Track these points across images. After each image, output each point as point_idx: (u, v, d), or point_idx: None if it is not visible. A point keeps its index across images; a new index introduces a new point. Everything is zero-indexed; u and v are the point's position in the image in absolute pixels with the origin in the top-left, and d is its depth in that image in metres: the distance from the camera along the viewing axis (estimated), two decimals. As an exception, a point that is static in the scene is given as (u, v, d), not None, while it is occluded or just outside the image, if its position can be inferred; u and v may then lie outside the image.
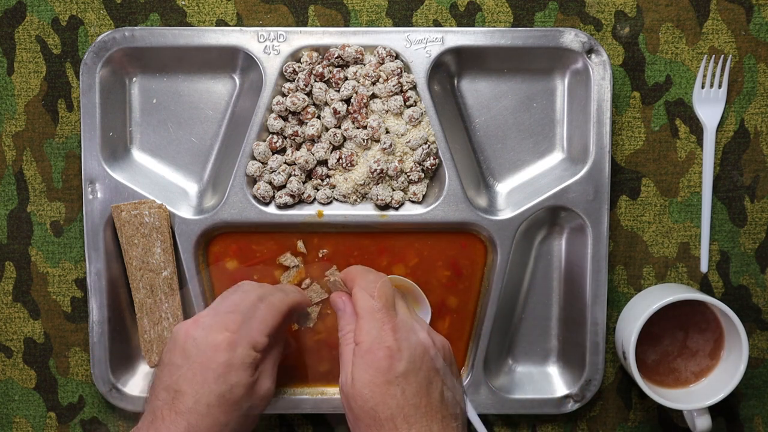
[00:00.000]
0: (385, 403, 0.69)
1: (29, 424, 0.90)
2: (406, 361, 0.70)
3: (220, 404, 0.69)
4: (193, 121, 0.87)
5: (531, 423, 0.90)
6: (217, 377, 0.69)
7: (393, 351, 0.70)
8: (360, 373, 0.70)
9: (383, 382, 0.69)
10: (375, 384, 0.69)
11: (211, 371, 0.69)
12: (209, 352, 0.69)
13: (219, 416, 0.69)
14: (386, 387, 0.69)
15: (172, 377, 0.69)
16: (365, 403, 0.69)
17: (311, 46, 0.84)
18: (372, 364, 0.70)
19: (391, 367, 0.70)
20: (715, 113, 0.87)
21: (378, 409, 0.69)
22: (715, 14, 0.86)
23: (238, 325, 0.70)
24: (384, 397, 0.69)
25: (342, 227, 0.86)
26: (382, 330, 0.71)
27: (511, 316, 0.89)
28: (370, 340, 0.71)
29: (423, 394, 0.70)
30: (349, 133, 0.84)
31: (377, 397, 0.69)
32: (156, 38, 0.84)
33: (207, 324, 0.71)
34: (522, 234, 0.86)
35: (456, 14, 0.87)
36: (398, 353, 0.70)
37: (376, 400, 0.69)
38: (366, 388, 0.69)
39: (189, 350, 0.69)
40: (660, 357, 0.86)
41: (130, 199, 0.85)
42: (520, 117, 0.87)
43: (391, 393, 0.69)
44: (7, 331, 0.89)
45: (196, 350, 0.69)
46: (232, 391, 0.69)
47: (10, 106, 0.87)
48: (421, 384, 0.70)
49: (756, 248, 0.89)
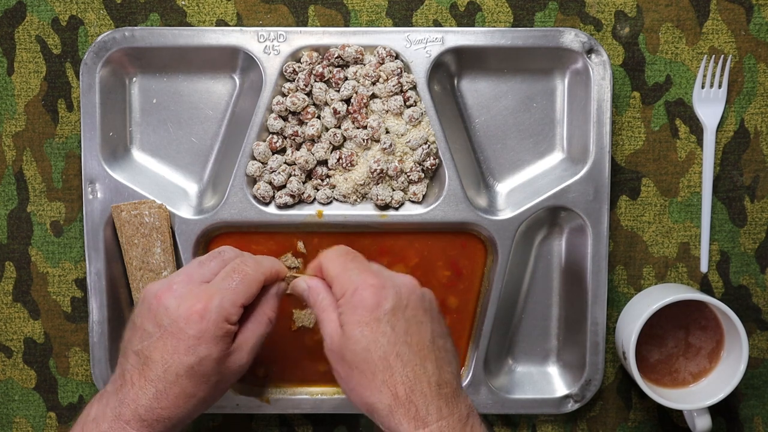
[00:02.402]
0: (377, 341, 0.68)
1: (29, 424, 0.90)
2: (392, 298, 0.69)
3: (189, 375, 0.69)
4: (193, 121, 0.87)
5: (531, 423, 0.90)
6: (187, 348, 0.68)
7: (378, 288, 0.69)
8: (348, 317, 0.69)
9: (372, 320, 0.68)
10: (364, 323, 0.68)
11: (181, 342, 0.68)
12: (181, 322, 0.69)
13: (187, 386, 0.69)
14: (376, 324, 0.68)
15: (142, 342, 0.70)
16: (357, 344, 0.68)
17: (311, 46, 0.84)
18: (359, 304, 0.69)
19: (378, 304, 0.68)
20: (715, 113, 0.87)
21: (371, 348, 0.68)
22: (715, 14, 0.86)
23: (210, 295, 0.70)
24: (375, 334, 0.68)
25: (342, 227, 0.86)
26: (362, 274, 0.70)
27: (511, 316, 0.89)
28: (353, 285, 0.69)
29: (414, 333, 0.69)
30: (349, 133, 0.84)
31: (368, 335, 0.68)
32: (156, 38, 0.84)
33: (180, 293, 0.70)
34: (522, 234, 0.86)
35: (456, 14, 0.87)
36: (383, 290, 0.69)
37: (368, 339, 0.68)
38: (356, 329, 0.68)
39: (161, 318, 0.69)
40: (660, 357, 0.86)
41: (130, 199, 0.85)
42: (520, 117, 0.87)
43: (381, 330, 0.68)
44: (7, 331, 0.89)
45: (168, 320, 0.69)
46: (202, 363, 0.69)
47: (10, 106, 0.87)
48: (410, 322, 0.69)
49: (756, 248, 0.89)
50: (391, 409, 0.67)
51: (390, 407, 0.67)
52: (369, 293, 0.69)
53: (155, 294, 0.71)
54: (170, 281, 0.72)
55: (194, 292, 0.70)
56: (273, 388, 0.88)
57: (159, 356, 0.69)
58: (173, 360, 0.69)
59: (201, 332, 0.69)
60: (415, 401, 0.67)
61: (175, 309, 0.69)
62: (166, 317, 0.69)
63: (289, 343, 0.87)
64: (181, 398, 0.69)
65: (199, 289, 0.71)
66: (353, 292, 0.69)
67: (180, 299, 0.70)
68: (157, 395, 0.69)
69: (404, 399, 0.67)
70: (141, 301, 0.72)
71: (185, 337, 0.69)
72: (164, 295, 0.70)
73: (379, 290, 0.69)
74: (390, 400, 0.67)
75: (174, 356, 0.69)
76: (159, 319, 0.69)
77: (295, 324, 0.87)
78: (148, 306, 0.71)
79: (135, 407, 0.68)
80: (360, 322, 0.68)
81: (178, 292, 0.70)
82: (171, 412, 0.69)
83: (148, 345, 0.69)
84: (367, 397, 0.68)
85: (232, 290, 0.71)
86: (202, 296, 0.70)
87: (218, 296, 0.70)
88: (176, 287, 0.71)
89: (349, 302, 0.69)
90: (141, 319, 0.71)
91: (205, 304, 0.69)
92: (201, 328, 0.69)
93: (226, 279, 0.71)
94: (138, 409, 0.68)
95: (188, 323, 0.69)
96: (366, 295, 0.69)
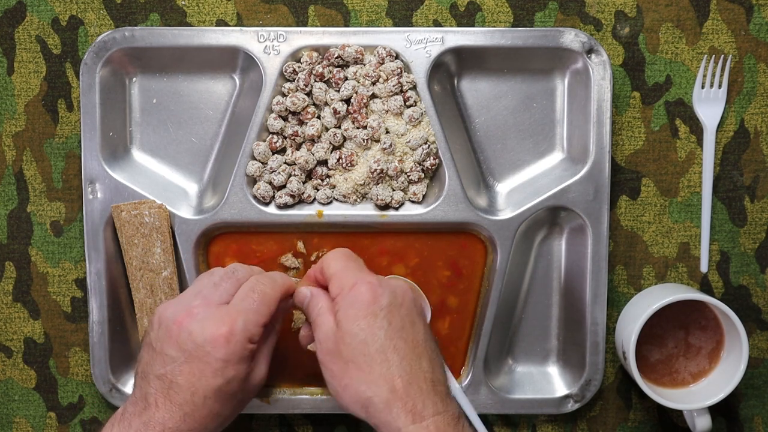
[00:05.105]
0: (374, 334, 0.69)
1: (29, 424, 0.90)
2: (388, 296, 0.70)
3: (217, 397, 0.69)
4: (193, 121, 0.87)
5: (531, 423, 0.90)
6: (214, 372, 0.69)
7: (375, 285, 0.70)
8: (345, 313, 0.70)
9: (369, 314, 0.69)
10: (361, 317, 0.69)
11: (208, 366, 0.69)
12: (207, 347, 0.69)
13: (214, 407, 0.70)
14: (372, 319, 0.69)
15: (165, 367, 0.70)
16: (354, 338, 0.69)
17: (311, 46, 0.84)
18: (356, 298, 0.70)
19: (375, 299, 0.70)
20: (715, 113, 0.87)
21: (368, 341, 0.69)
22: (715, 14, 0.86)
23: (233, 318, 0.70)
24: (372, 328, 0.69)
25: (342, 227, 0.86)
26: (360, 272, 0.72)
27: (511, 316, 0.89)
28: (351, 281, 0.71)
29: (409, 330, 0.70)
30: (349, 133, 0.84)
31: (366, 329, 0.69)
32: (156, 38, 0.84)
33: (201, 317, 0.70)
34: (522, 234, 0.86)
35: (456, 14, 0.87)
36: (380, 287, 0.70)
37: (366, 332, 0.69)
38: (353, 324, 0.69)
39: (184, 343, 0.69)
40: (660, 357, 0.86)
41: (130, 199, 0.85)
42: (520, 117, 0.87)
43: (378, 324, 0.69)
44: (7, 331, 0.89)
45: (192, 344, 0.69)
46: (229, 384, 0.70)
47: (10, 106, 0.87)
48: (405, 320, 0.71)
49: (756, 248, 0.89)
50: (389, 402, 0.68)
51: (387, 400, 0.68)
52: (366, 288, 0.70)
53: (174, 319, 0.71)
54: (189, 306, 0.72)
55: (217, 315, 0.70)
56: (273, 388, 0.88)
57: (185, 380, 0.69)
58: (201, 384, 0.69)
59: (228, 355, 0.69)
60: (412, 395, 0.68)
61: (199, 333, 0.69)
62: (190, 342, 0.69)
63: (289, 343, 0.87)
64: (209, 419, 0.70)
65: (221, 311, 0.71)
66: (351, 287, 0.71)
67: (203, 323, 0.70)
68: (185, 418, 0.69)
69: (402, 392, 0.68)
70: (157, 325, 0.72)
71: (212, 360, 0.69)
72: (185, 320, 0.70)
73: (376, 287, 0.71)
74: (387, 393, 0.68)
75: (201, 380, 0.69)
76: (182, 344, 0.70)
77: (295, 324, 0.87)
78: (167, 331, 0.71)
79: (162, 429, 0.69)
80: (357, 316, 0.69)
81: (200, 316, 0.71)
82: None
83: (172, 369, 0.69)
84: (363, 392, 0.69)
85: (254, 311, 0.71)
86: (225, 319, 0.70)
87: (242, 318, 0.70)
88: (197, 311, 0.71)
89: (347, 298, 0.70)
90: (161, 344, 0.71)
91: (230, 327, 0.70)
92: (228, 351, 0.69)
93: (246, 300, 0.72)
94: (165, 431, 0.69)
95: (215, 347, 0.69)
96: (363, 290, 0.70)
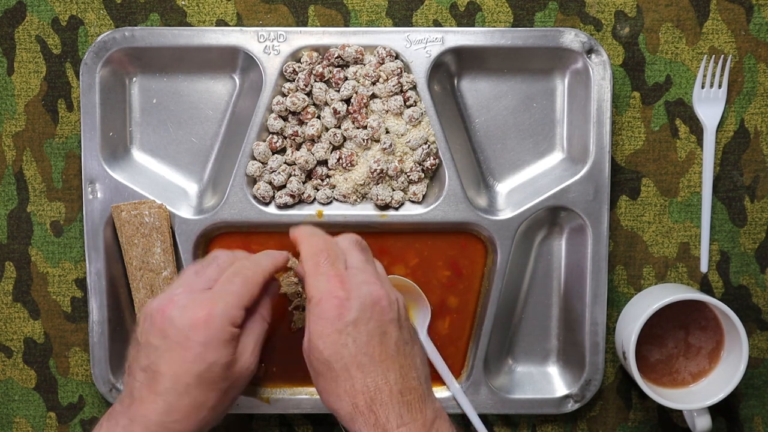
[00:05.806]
0: (338, 353, 0.69)
1: (29, 424, 0.90)
2: (355, 310, 0.69)
3: (199, 383, 0.69)
4: (193, 121, 0.87)
5: (531, 423, 0.90)
6: (194, 356, 0.69)
7: (342, 300, 0.69)
8: (313, 326, 0.70)
9: (333, 332, 0.69)
10: (326, 334, 0.69)
11: (189, 351, 0.69)
12: (187, 331, 0.69)
13: (197, 395, 0.69)
14: (337, 336, 0.69)
15: (149, 358, 0.69)
16: (320, 354, 0.69)
17: (311, 46, 0.84)
18: (322, 314, 0.69)
19: (340, 316, 0.69)
20: (715, 113, 0.87)
21: (332, 360, 0.69)
22: (715, 14, 0.86)
23: (213, 301, 0.70)
24: (336, 346, 0.69)
25: (342, 227, 0.86)
26: (329, 282, 0.71)
27: (511, 316, 0.89)
28: (319, 294, 0.70)
29: (376, 344, 0.70)
30: (349, 133, 0.84)
31: (330, 347, 0.69)
32: (156, 38, 0.84)
33: (183, 303, 0.70)
34: (522, 234, 0.86)
35: (456, 14, 0.87)
36: (347, 302, 0.69)
37: (330, 351, 0.69)
38: (319, 340, 0.69)
39: (166, 330, 0.69)
40: (660, 357, 0.86)
41: (130, 199, 0.85)
42: (520, 117, 0.87)
43: (342, 342, 0.69)
44: (7, 331, 0.89)
45: (173, 330, 0.69)
46: (211, 369, 0.69)
47: (10, 106, 0.87)
48: (373, 333, 0.70)
49: (756, 248, 0.89)
50: (352, 417, 0.69)
51: (351, 414, 0.69)
52: (331, 305, 0.69)
53: (158, 308, 0.71)
54: (171, 295, 0.72)
55: (197, 300, 0.70)
56: (273, 388, 0.88)
57: (167, 368, 0.69)
58: (181, 370, 0.68)
59: (208, 338, 0.69)
60: (375, 410, 0.68)
61: (179, 318, 0.69)
62: (172, 328, 0.69)
63: (289, 344, 0.87)
64: (192, 409, 0.69)
65: (202, 296, 0.71)
66: (317, 302, 0.70)
67: (183, 309, 0.70)
68: (168, 409, 0.68)
69: (364, 408, 0.68)
70: (143, 319, 0.72)
71: (192, 345, 0.69)
72: (167, 307, 0.70)
73: (343, 302, 0.69)
74: (350, 408, 0.69)
75: (182, 366, 0.68)
76: (164, 332, 0.69)
77: (295, 325, 0.87)
78: (152, 321, 0.71)
79: (146, 424, 0.68)
80: (323, 333, 0.69)
81: (181, 302, 0.70)
82: (183, 426, 0.69)
83: (155, 359, 0.69)
84: (331, 403, 0.70)
85: (234, 293, 0.71)
86: (205, 303, 0.70)
87: (222, 301, 0.70)
88: (178, 299, 0.71)
89: (314, 311, 0.70)
90: (146, 336, 0.71)
91: (209, 310, 0.69)
92: (207, 335, 0.69)
93: (227, 283, 0.72)
94: (149, 425, 0.68)
95: (194, 331, 0.69)
96: (328, 307, 0.69)
